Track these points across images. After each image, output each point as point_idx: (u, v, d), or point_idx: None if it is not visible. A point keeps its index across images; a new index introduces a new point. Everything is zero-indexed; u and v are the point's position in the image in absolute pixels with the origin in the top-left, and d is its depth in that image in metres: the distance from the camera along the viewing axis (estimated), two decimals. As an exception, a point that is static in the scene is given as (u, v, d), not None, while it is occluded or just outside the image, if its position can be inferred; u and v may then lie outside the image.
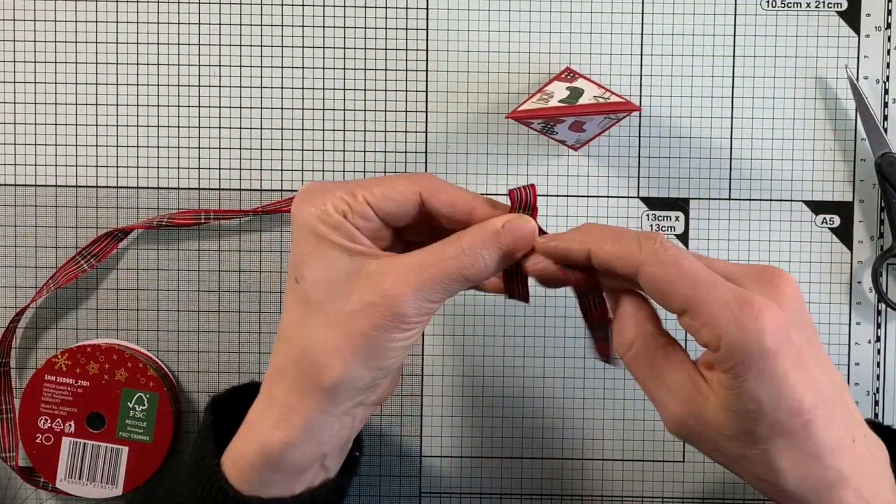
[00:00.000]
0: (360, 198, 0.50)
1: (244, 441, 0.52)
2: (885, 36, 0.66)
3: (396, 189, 0.50)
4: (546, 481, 0.68)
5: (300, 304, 0.50)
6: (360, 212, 0.50)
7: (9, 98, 0.67)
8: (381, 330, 0.49)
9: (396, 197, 0.50)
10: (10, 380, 0.66)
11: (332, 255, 0.49)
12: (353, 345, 0.49)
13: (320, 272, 0.49)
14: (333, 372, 0.49)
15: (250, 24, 0.66)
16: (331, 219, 0.49)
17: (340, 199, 0.50)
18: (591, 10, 0.66)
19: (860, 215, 0.67)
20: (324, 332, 0.49)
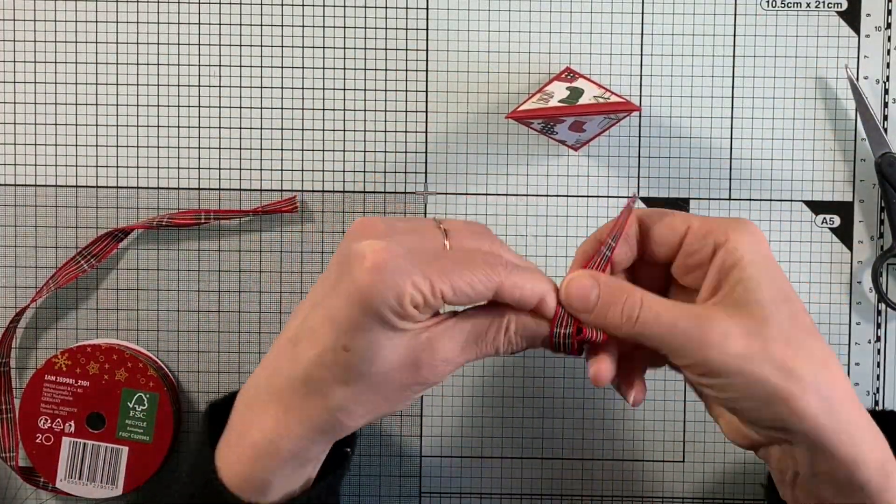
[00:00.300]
0: (438, 292, 0.48)
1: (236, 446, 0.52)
2: (885, 36, 0.66)
3: (474, 286, 0.49)
4: (546, 481, 0.68)
5: (342, 370, 0.49)
6: (435, 304, 0.48)
7: (9, 98, 0.67)
8: (416, 393, 0.51)
9: (472, 294, 0.49)
10: (10, 380, 0.66)
11: (392, 340, 0.49)
12: (386, 402, 0.50)
13: (377, 350, 0.49)
14: (361, 421, 0.51)
15: (250, 24, 0.66)
16: (405, 313, 0.48)
17: (418, 292, 0.47)
18: (591, 10, 0.66)
19: (860, 215, 0.67)
20: (366, 395, 0.50)
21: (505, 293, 0.49)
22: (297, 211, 0.67)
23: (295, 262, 0.67)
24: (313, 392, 0.50)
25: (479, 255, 0.50)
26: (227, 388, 0.67)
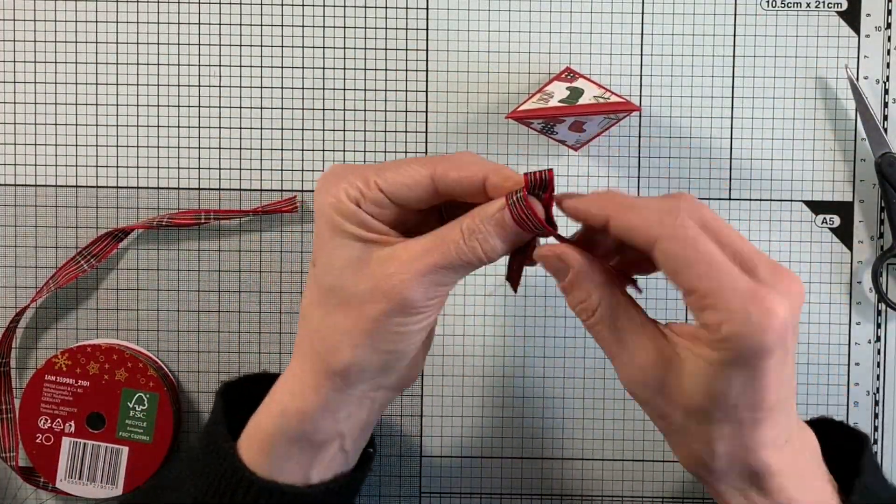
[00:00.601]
0: (373, 184, 0.50)
1: (263, 414, 0.53)
2: (885, 36, 0.66)
3: (407, 174, 0.50)
4: (546, 481, 0.68)
5: (315, 288, 0.51)
6: (373, 199, 0.50)
7: (9, 98, 0.67)
8: (389, 315, 0.49)
9: (408, 181, 0.50)
10: (10, 380, 0.66)
11: (343, 243, 0.50)
12: (361, 329, 0.50)
13: (332, 259, 0.50)
14: (343, 356, 0.50)
15: (250, 24, 0.66)
16: (344, 207, 0.50)
17: (354, 187, 0.50)
18: (591, 10, 0.66)
19: (860, 215, 0.67)
20: (334, 316, 0.50)
21: (442, 177, 0.50)
22: (297, 211, 0.67)
23: (295, 262, 0.67)
24: (301, 320, 0.52)
25: (418, 157, 0.52)
26: (227, 388, 0.67)
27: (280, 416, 0.52)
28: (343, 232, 0.50)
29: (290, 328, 0.67)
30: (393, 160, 0.53)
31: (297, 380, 0.52)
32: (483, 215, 0.49)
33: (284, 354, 0.67)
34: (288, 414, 0.52)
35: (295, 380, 0.52)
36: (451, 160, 0.50)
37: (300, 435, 0.52)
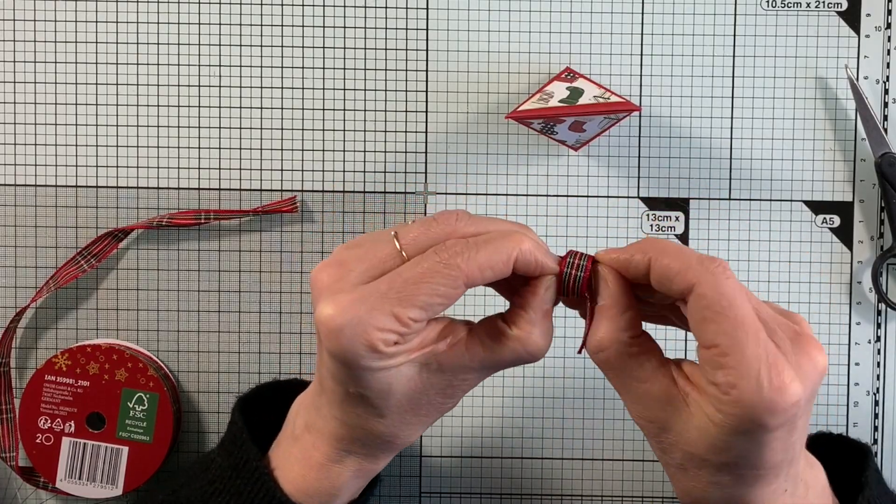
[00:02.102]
0: (408, 321, 0.46)
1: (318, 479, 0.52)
2: (885, 36, 0.66)
3: (440, 294, 0.46)
4: (546, 481, 0.68)
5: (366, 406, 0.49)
6: (412, 331, 0.46)
7: (9, 98, 0.67)
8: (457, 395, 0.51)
9: (443, 301, 0.46)
10: (10, 380, 0.66)
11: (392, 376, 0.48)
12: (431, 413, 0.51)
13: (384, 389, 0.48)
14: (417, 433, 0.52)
15: (250, 24, 0.66)
16: (385, 354, 0.46)
17: (387, 332, 0.46)
18: (591, 10, 0.66)
19: (860, 215, 0.67)
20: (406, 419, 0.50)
21: (476, 279, 0.46)
22: (297, 211, 0.67)
23: (295, 262, 0.67)
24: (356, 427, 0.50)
25: (432, 257, 0.46)
26: (227, 388, 0.67)
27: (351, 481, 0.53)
28: (388, 370, 0.47)
29: (289, 328, 0.67)
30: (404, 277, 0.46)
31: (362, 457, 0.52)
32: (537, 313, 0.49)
33: (284, 354, 0.67)
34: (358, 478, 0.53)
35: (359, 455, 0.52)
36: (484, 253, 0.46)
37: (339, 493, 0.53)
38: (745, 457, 0.46)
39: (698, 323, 0.45)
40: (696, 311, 0.45)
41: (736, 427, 0.44)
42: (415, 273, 0.46)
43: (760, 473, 0.46)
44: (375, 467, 0.53)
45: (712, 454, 0.46)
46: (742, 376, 0.44)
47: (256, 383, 0.67)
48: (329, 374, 0.48)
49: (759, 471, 0.46)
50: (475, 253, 0.46)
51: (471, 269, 0.46)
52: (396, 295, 0.45)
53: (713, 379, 0.45)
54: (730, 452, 0.46)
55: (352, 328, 0.45)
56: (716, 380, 0.45)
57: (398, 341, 0.46)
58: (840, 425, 0.67)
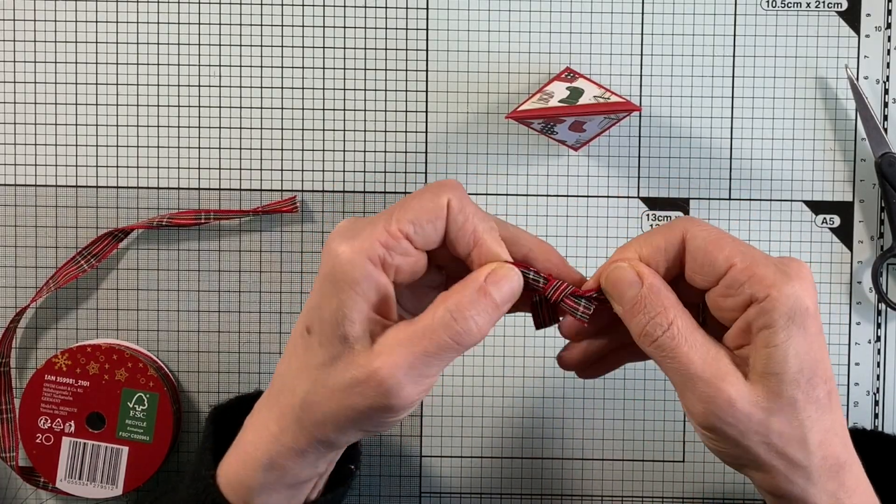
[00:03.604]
0: (395, 231, 0.47)
1: (239, 465, 0.51)
2: (885, 36, 0.66)
3: (426, 207, 0.47)
4: (546, 481, 0.68)
5: (307, 355, 0.48)
6: (400, 249, 0.47)
7: (9, 98, 0.67)
8: (375, 410, 0.47)
9: (429, 215, 0.47)
10: (10, 380, 0.66)
11: (348, 316, 0.47)
12: (346, 417, 0.48)
13: (333, 325, 0.47)
14: (328, 433, 0.49)
15: (250, 24, 0.66)
16: (363, 268, 0.46)
17: (375, 242, 0.46)
18: (591, 10, 0.66)
19: (860, 215, 0.67)
20: (322, 396, 0.48)
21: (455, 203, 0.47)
22: (297, 211, 0.67)
23: (295, 262, 0.67)
24: (285, 387, 0.50)
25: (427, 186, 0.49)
26: (227, 388, 0.67)
27: (263, 471, 0.50)
28: (353, 302, 0.47)
29: (289, 328, 0.67)
30: (397, 203, 0.48)
31: (276, 440, 0.50)
32: (466, 293, 0.47)
33: (284, 354, 0.67)
34: (271, 470, 0.50)
35: (274, 440, 0.50)
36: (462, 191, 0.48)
37: (282, 483, 0.51)
38: (812, 360, 0.47)
39: (705, 258, 0.47)
40: (698, 251, 0.48)
41: (789, 325, 0.46)
42: (407, 200, 0.48)
43: (829, 388, 0.48)
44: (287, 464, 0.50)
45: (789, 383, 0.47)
46: (767, 274, 0.46)
47: (256, 388, 0.67)
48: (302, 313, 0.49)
49: (827, 384, 0.48)
50: (464, 191, 0.49)
51: (458, 194, 0.48)
52: (389, 213, 0.47)
53: (744, 297, 0.47)
54: (801, 364, 0.47)
55: (346, 235, 0.47)
56: (747, 294, 0.47)
57: (385, 258, 0.47)
58: (840, 425, 0.67)
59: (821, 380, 0.48)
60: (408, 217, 0.47)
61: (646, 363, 0.66)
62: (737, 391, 0.47)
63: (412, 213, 0.47)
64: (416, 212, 0.47)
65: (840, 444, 0.49)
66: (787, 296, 0.46)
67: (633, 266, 0.49)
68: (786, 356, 0.47)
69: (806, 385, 0.47)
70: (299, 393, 0.49)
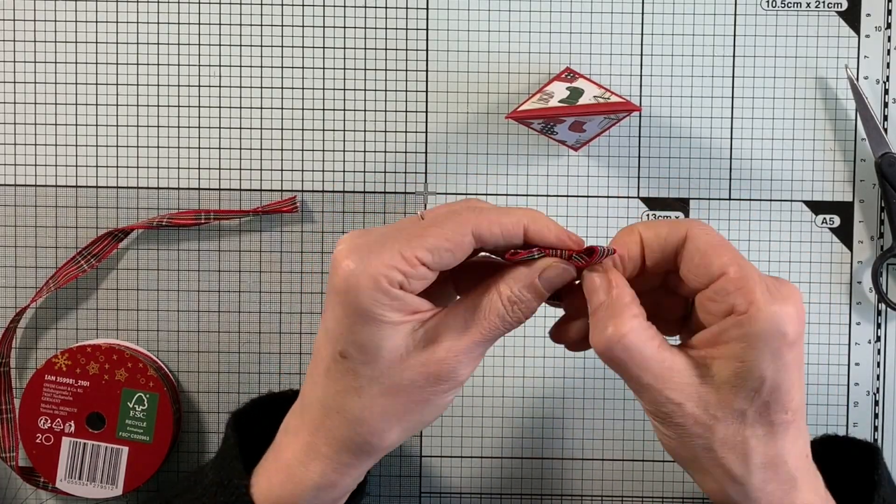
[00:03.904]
0: (413, 260, 0.47)
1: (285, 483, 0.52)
2: (885, 36, 0.66)
3: (447, 238, 0.48)
4: (546, 481, 0.68)
5: (348, 378, 0.49)
6: (418, 275, 0.48)
7: (9, 98, 0.67)
8: (438, 394, 0.50)
9: (450, 246, 0.48)
10: (10, 380, 0.66)
11: (383, 334, 0.48)
12: (410, 411, 0.50)
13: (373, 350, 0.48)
14: (392, 437, 0.51)
15: (250, 24, 0.66)
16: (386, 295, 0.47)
17: (393, 269, 0.47)
18: (591, 10, 0.66)
19: (860, 215, 0.67)
20: (381, 404, 0.49)
21: (484, 233, 0.48)
22: (297, 211, 0.67)
23: (295, 262, 0.67)
24: (331, 409, 0.50)
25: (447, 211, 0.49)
26: (227, 388, 0.67)
27: (315, 490, 0.51)
28: (383, 322, 0.48)
29: (289, 328, 0.67)
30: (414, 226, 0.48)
31: (328, 459, 0.51)
32: (522, 283, 0.49)
33: (284, 354, 0.67)
34: (321, 488, 0.51)
35: (325, 459, 0.51)
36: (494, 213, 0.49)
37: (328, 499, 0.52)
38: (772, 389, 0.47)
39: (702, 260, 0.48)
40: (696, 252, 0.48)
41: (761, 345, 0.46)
42: (429, 222, 0.48)
43: (787, 419, 0.48)
44: (340, 480, 0.51)
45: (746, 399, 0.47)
46: (755, 290, 0.46)
47: (256, 387, 0.67)
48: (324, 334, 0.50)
49: (787, 413, 0.48)
50: (487, 210, 0.49)
51: (479, 220, 0.48)
52: (406, 237, 0.48)
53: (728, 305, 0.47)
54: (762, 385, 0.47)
55: (359, 260, 0.47)
56: (731, 303, 0.47)
57: (402, 284, 0.47)
58: (840, 425, 0.67)
59: (781, 408, 0.48)
60: (426, 245, 0.47)
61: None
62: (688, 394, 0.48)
63: (431, 241, 0.47)
64: (436, 240, 0.48)
65: (788, 475, 0.49)
66: (766, 316, 0.46)
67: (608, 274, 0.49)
68: (747, 373, 0.47)
69: (760, 405, 0.47)
70: (353, 412, 0.50)
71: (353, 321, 0.48)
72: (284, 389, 0.62)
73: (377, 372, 0.49)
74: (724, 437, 0.48)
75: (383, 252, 0.47)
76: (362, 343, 0.48)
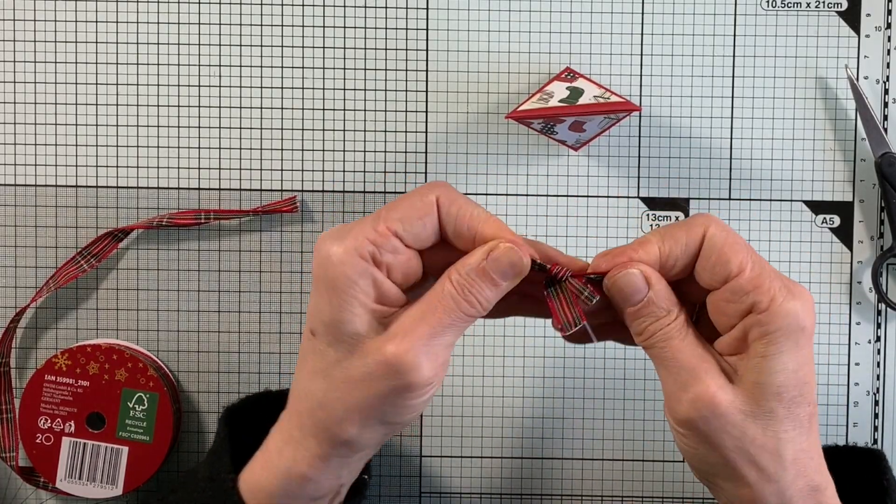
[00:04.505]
0: (383, 229, 0.48)
1: (262, 470, 0.51)
2: (885, 36, 0.66)
3: (415, 205, 0.48)
4: (546, 481, 0.68)
5: (315, 358, 0.49)
6: (389, 246, 0.48)
7: (9, 98, 0.67)
8: (398, 392, 0.48)
9: (419, 213, 0.48)
10: (10, 380, 0.66)
11: (350, 311, 0.48)
12: (368, 406, 0.48)
13: (336, 328, 0.48)
14: (350, 430, 0.49)
15: (250, 24, 0.66)
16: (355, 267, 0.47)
17: (364, 240, 0.47)
18: (591, 10, 0.66)
19: (860, 215, 0.67)
20: (340, 390, 0.49)
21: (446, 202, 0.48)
22: (297, 211, 0.67)
23: (295, 262, 0.67)
24: (301, 392, 0.50)
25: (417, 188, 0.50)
26: (227, 388, 0.67)
27: (285, 478, 0.50)
28: (350, 297, 0.47)
29: (289, 328, 0.67)
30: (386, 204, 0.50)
31: (299, 445, 0.50)
32: (471, 266, 0.48)
33: (284, 354, 0.67)
34: (292, 477, 0.50)
35: (297, 445, 0.50)
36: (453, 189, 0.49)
37: (301, 495, 0.51)
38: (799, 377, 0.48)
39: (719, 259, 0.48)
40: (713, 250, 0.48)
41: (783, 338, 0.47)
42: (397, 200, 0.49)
43: (811, 411, 0.49)
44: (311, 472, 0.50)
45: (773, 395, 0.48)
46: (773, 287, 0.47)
47: (256, 387, 0.67)
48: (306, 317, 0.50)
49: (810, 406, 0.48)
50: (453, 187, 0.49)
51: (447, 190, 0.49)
52: (378, 213, 0.48)
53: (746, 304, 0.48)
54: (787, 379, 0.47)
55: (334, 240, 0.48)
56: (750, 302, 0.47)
57: (374, 255, 0.47)
58: (840, 425, 0.67)
59: (805, 401, 0.48)
60: (395, 215, 0.48)
61: (646, 365, 0.66)
62: (720, 388, 0.48)
63: (400, 212, 0.48)
64: (405, 209, 0.48)
65: (815, 468, 0.49)
66: (787, 311, 0.47)
67: (642, 271, 0.49)
68: (774, 368, 0.47)
69: (788, 401, 0.48)
70: (316, 395, 0.49)
71: (322, 297, 0.48)
72: (281, 389, 0.62)
73: (339, 354, 0.48)
74: (755, 434, 0.48)
75: (356, 229, 0.48)
76: (328, 320, 0.48)
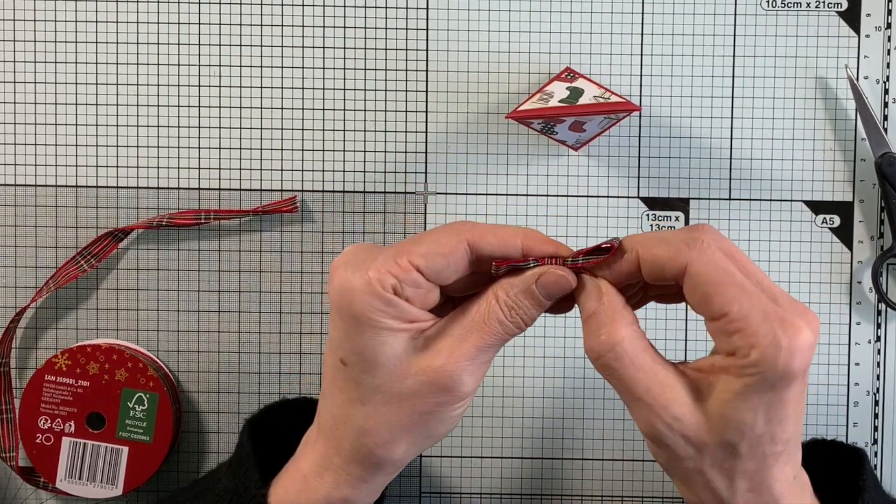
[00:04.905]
0: (406, 264, 0.47)
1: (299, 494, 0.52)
2: (885, 36, 0.66)
3: (441, 243, 0.48)
4: (546, 481, 0.68)
5: (350, 386, 0.49)
6: (411, 281, 0.48)
7: (9, 98, 0.67)
8: (442, 406, 0.49)
9: (443, 251, 0.48)
10: (10, 380, 0.66)
11: (381, 340, 0.48)
12: (414, 424, 0.49)
13: (372, 358, 0.48)
14: (399, 450, 0.50)
15: (250, 24, 0.66)
16: (379, 299, 0.47)
17: (386, 273, 0.47)
18: (591, 10, 0.66)
19: (860, 215, 0.67)
20: (383, 413, 0.49)
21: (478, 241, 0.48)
22: (297, 211, 0.67)
23: (295, 262, 0.67)
24: (339, 419, 0.50)
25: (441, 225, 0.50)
26: (227, 388, 0.67)
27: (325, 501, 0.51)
28: (378, 328, 0.48)
29: (289, 328, 0.67)
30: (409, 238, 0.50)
31: (341, 471, 0.51)
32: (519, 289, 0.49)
33: (284, 354, 0.67)
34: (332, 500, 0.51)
35: (339, 470, 0.51)
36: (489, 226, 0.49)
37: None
38: (767, 424, 0.46)
39: (701, 299, 0.46)
40: (694, 290, 0.46)
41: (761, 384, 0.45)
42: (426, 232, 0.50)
43: (778, 450, 0.47)
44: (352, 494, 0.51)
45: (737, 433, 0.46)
46: (758, 333, 0.45)
47: (256, 388, 0.67)
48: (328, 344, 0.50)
49: (778, 446, 0.47)
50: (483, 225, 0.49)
51: (475, 228, 0.49)
52: (401, 245, 0.48)
53: (730, 346, 0.46)
54: (755, 424, 0.46)
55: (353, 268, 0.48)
56: (733, 345, 0.45)
57: (396, 288, 0.47)
58: (840, 425, 0.67)
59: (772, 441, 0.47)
60: (419, 250, 0.48)
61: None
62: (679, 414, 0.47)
63: (424, 247, 0.48)
64: (429, 245, 0.48)
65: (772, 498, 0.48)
66: (769, 362, 0.45)
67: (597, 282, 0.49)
68: (742, 414, 0.46)
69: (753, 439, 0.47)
70: (357, 421, 0.50)
71: (349, 327, 0.48)
72: (298, 396, 0.62)
73: (378, 380, 0.49)
74: (712, 462, 0.47)
75: (377, 259, 0.48)
76: (360, 350, 0.48)
